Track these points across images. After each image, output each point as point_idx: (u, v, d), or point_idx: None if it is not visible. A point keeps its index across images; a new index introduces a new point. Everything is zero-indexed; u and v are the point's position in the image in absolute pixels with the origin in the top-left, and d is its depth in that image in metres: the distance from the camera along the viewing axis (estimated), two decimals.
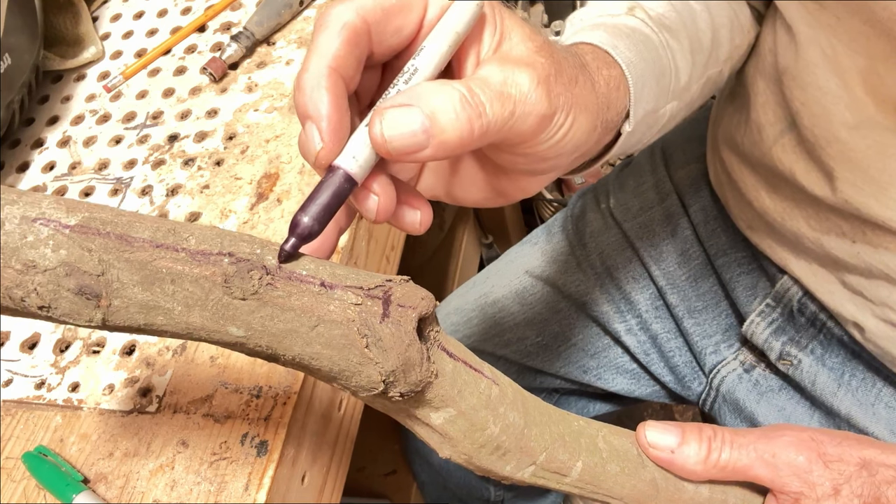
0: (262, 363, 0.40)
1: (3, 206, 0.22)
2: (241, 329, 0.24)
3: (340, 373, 0.26)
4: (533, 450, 0.32)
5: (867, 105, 0.39)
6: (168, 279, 0.23)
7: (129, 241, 0.23)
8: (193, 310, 0.23)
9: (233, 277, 0.24)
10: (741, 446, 0.35)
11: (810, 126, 0.42)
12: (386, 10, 0.27)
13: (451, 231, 1.08)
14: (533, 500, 0.81)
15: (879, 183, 0.40)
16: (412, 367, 0.26)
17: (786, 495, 0.35)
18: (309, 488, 0.40)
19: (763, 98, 0.47)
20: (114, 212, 0.23)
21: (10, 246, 0.21)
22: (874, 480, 0.34)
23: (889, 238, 0.41)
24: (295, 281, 0.25)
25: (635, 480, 0.35)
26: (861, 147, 0.40)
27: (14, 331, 0.45)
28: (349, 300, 0.25)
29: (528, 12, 1.18)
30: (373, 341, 0.25)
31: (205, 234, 0.24)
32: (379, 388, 0.26)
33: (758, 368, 0.57)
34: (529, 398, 0.33)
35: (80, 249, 0.22)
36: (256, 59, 0.57)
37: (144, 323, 0.23)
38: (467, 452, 0.30)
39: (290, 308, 0.24)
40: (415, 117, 0.25)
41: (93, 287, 0.22)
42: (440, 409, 0.29)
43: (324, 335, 0.25)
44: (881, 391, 0.49)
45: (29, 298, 0.22)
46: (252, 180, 0.49)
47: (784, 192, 0.47)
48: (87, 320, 0.22)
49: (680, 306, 0.61)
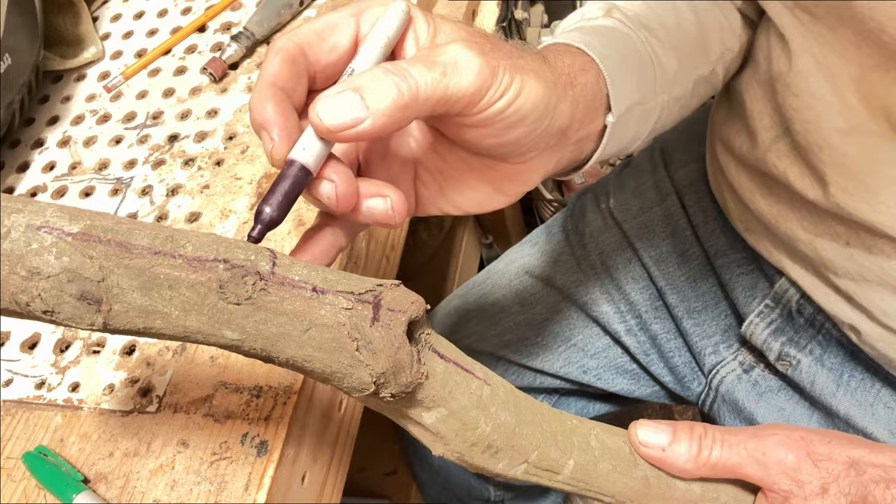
0: (261, 363, 0.40)
1: (10, 215, 0.23)
2: (236, 333, 0.25)
3: (333, 374, 0.26)
4: (524, 448, 0.32)
5: (859, 112, 0.39)
6: (166, 284, 0.24)
7: (128, 248, 0.24)
8: (190, 314, 0.24)
9: (228, 283, 0.24)
10: (732, 445, 0.35)
11: (803, 132, 0.42)
12: (317, 32, 0.32)
13: (451, 231, 1.08)
14: (533, 500, 0.81)
15: (870, 188, 0.40)
16: (402, 369, 0.27)
17: (775, 493, 0.35)
18: (309, 488, 0.40)
19: (758, 105, 0.47)
20: (114, 219, 0.24)
21: (15, 253, 0.22)
22: (862, 480, 0.35)
23: (881, 241, 0.41)
24: (287, 286, 0.25)
25: (627, 478, 0.35)
26: (852, 153, 0.40)
27: (14, 331, 0.45)
28: (340, 305, 0.26)
29: (528, 12, 1.18)
30: (363, 344, 0.26)
31: (201, 241, 0.25)
32: (370, 390, 0.27)
33: (757, 369, 0.57)
34: (522, 397, 0.34)
35: (81, 256, 0.23)
36: (256, 59, 0.57)
37: (143, 326, 0.24)
38: (459, 451, 0.31)
39: (282, 312, 0.25)
40: (344, 95, 0.28)
41: (94, 293, 0.23)
42: (432, 409, 0.30)
43: (315, 338, 0.25)
44: (880, 392, 0.50)
45: (34, 304, 0.22)
46: (252, 180, 0.49)
47: (778, 195, 0.48)
48: (88, 324, 0.23)
49: (679, 307, 0.61)
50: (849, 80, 0.39)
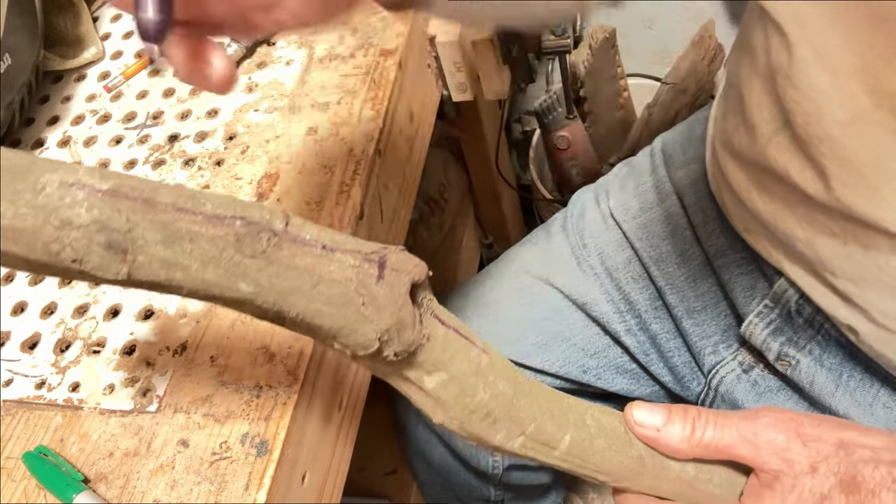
0: (261, 362, 0.40)
1: (45, 174, 0.24)
2: (251, 286, 0.26)
3: (339, 330, 0.28)
4: (522, 420, 0.34)
5: (862, 101, 0.38)
6: (187, 238, 0.25)
7: (153, 205, 0.25)
8: (208, 266, 0.26)
9: (244, 238, 0.26)
10: (724, 426, 0.37)
11: (803, 124, 0.42)
12: None
13: (451, 231, 1.08)
14: (533, 500, 0.81)
15: (872, 183, 0.40)
16: (405, 327, 0.28)
17: (766, 473, 0.36)
18: (309, 488, 0.40)
19: (757, 98, 0.47)
20: (140, 180, 0.26)
21: (49, 206, 0.24)
22: (851, 459, 0.35)
23: (880, 239, 0.41)
24: (299, 244, 0.27)
25: (622, 456, 0.37)
26: (854, 146, 0.40)
27: (14, 331, 0.45)
28: (348, 262, 0.28)
29: None
30: (368, 300, 0.27)
31: (220, 200, 0.27)
32: (374, 346, 0.28)
33: (756, 369, 0.57)
34: (519, 373, 0.35)
35: (110, 210, 0.24)
36: (256, 59, 0.57)
37: (165, 278, 0.25)
38: (459, 418, 0.32)
39: (294, 267, 0.27)
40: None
41: (120, 243, 0.24)
42: (432, 374, 0.31)
43: (324, 293, 0.27)
44: (879, 392, 0.50)
45: (64, 252, 0.24)
46: (252, 180, 0.49)
47: (776, 192, 0.47)
48: (114, 274, 0.25)
49: (679, 307, 0.61)
50: (851, 70, 0.38)
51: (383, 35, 0.55)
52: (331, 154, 0.48)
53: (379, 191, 0.49)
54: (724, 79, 0.55)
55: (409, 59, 0.56)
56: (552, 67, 1.16)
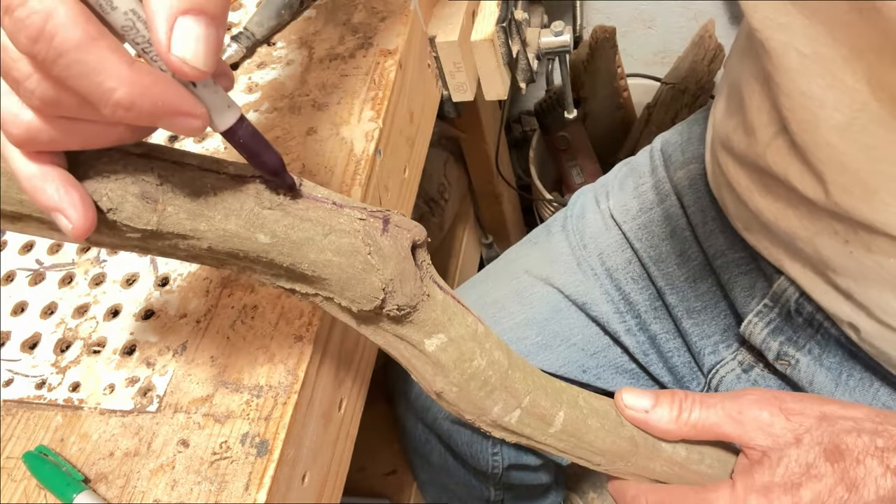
0: (261, 362, 0.40)
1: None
2: (268, 236, 0.29)
3: (347, 281, 0.30)
4: (518, 391, 0.35)
5: (862, 93, 0.37)
6: (212, 192, 0.28)
7: (181, 165, 0.28)
8: (230, 218, 0.28)
9: (263, 192, 0.29)
10: (710, 406, 0.38)
11: (800, 131, 0.42)
12: None
13: (451, 231, 1.08)
14: (532, 500, 0.81)
15: (870, 187, 0.40)
16: (407, 278, 0.31)
17: (752, 449, 0.38)
18: (309, 488, 0.40)
19: (757, 101, 0.46)
20: (169, 148, 0.29)
21: (89, 163, 0.26)
22: (834, 429, 0.36)
23: (880, 240, 0.41)
24: (312, 199, 0.30)
25: (615, 436, 0.38)
26: (852, 150, 0.39)
27: (15, 330, 0.45)
28: (355, 216, 0.30)
29: (528, 12, 1.18)
30: (374, 250, 0.30)
31: (240, 165, 0.29)
32: (379, 297, 0.30)
33: (756, 368, 0.57)
34: (512, 349, 0.36)
35: (144, 166, 0.27)
36: (257, 59, 0.57)
37: (191, 228, 0.28)
38: (458, 384, 0.33)
39: (307, 219, 0.29)
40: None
41: (152, 193, 0.27)
42: (432, 336, 0.33)
43: (335, 243, 0.29)
44: (878, 391, 0.50)
45: (101, 201, 0.26)
46: None
47: (777, 193, 0.47)
48: (144, 223, 0.27)
49: (679, 307, 0.61)
50: (844, 61, 0.37)
51: (383, 35, 0.55)
52: (331, 154, 0.48)
53: (379, 191, 0.49)
54: (725, 79, 0.55)
55: (409, 59, 0.56)
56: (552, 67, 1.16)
